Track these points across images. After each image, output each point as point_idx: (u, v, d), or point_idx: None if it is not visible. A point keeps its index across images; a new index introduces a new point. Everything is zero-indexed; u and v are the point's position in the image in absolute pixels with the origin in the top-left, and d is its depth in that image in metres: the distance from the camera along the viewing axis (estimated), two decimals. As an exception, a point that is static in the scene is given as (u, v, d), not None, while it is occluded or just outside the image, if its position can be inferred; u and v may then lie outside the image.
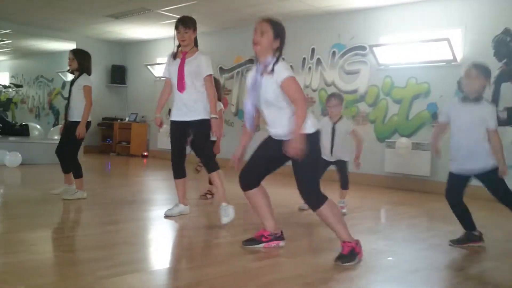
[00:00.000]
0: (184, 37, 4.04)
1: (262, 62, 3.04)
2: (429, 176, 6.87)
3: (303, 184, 3.00)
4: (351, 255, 2.98)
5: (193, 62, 4.05)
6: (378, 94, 7.52)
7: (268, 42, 3.00)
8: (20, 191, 5.67)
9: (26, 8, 8.88)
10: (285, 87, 2.94)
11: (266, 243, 3.28)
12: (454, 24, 6.70)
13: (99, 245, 3.20)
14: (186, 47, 4.10)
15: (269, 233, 3.30)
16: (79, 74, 4.85)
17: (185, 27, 4.04)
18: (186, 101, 4.07)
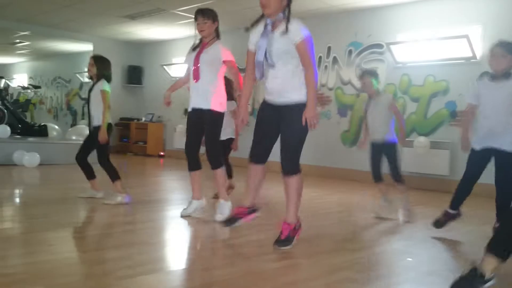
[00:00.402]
0: (202, 27, 4.02)
1: (271, 21, 3.09)
2: (448, 176, 6.78)
3: (290, 149, 3.13)
4: (288, 238, 3.15)
5: (209, 51, 4.04)
6: (396, 92, 7.44)
7: (276, 3, 3.04)
8: (39, 191, 5.74)
9: (45, 11, 9.00)
10: (301, 49, 3.00)
11: (244, 218, 3.36)
12: (473, 21, 6.59)
13: (117, 245, 3.22)
14: (206, 38, 4.09)
15: (246, 209, 3.37)
16: (97, 80, 4.86)
17: (203, 17, 4.02)
18: (201, 90, 4.05)
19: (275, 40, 3.06)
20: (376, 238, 3.77)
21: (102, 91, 4.76)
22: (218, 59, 4.02)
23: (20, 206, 4.76)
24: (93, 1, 8.21)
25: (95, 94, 4.79)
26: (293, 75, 3.09)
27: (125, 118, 12.00)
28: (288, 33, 3.00)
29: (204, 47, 4.08)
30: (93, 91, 4.83)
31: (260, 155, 3.29)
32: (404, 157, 7.20)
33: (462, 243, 3.67)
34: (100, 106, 4.75)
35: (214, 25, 4.09)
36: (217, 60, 4.03)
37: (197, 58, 4.04)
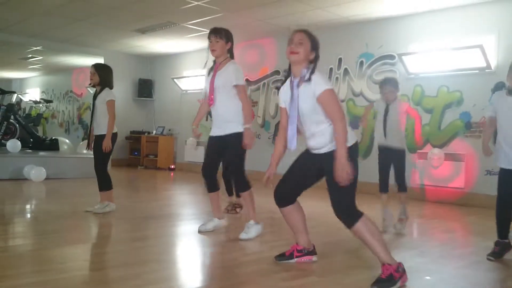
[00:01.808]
0: (214, 46, 3.97)
1: (297, 74, 3.00)
2: (463, 188, 6.64)
3: (339, 199, 2.90)
4: (389, 280, 2.78)
5: (222, 74, 3.98)
6: (408, 103, 7.34)
7: (305, 53, 2.97)
8: (49, 206, 5.70)
9: (56, 26, 9.07)
10: (323, 101, 2.87)
11: (299, 258, 3.25)
12: (487, 30, 6.50)
13: (127, 263, 3.15)
14: (218, 58, 4.03)
15: (301, 248, 3.27)
16: (101, 88, 4.86)
17: (215, 35, 3.97)
18: (219, 116, 4.01)
19: (300, 95, 2.96)
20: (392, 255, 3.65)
21: (109, 102, 4.76)
22: (230, 81, 3.97)
23: (31, 221, 4.72)
24: (104, 16, 8.25)
25: (100, 103, 4.80)
26: (325, 130, 2.93)
27: (135, 132, 12.01)
28: (311, 84, 2.90)
29: (217, 70, 4.02)
30: (97, 99, 4.83)
31: (284, 196, 3.19)
32: (419, 169, 7.09)
33: (483, 259, 3.54)
34: (105, 116, 4.76)
35: (227, 45, 4.02)
36: (229, 82, 3.97)
37: (212, 83, 4.00)
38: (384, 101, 4.62)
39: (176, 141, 11.61)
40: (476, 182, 6.53)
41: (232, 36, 4.08)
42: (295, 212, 3.22)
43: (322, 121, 2.92)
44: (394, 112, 4.54)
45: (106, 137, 4.73)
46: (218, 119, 4.03)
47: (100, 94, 4.84)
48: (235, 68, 3.99)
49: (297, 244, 3.28)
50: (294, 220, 3.24)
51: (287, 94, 3.06)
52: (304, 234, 3.27)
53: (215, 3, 7.17)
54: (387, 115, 4.55)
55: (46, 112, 14.79)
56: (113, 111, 4.78)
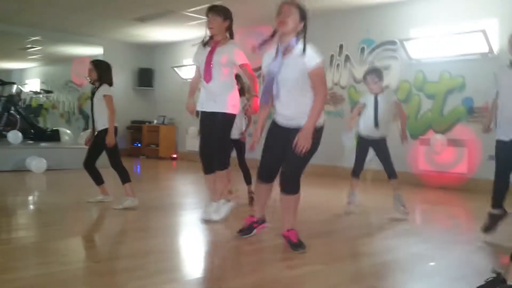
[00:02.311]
0: (212, 23, 3.90)
1: (285, 43, 3.07)
2: (466, 174, 6.62)
3: (291, 169, 3.13)
4: (300, 241, 3.17)
5: (222, 51, 3.92)
6: (410, 89, 7.30)
7: (294, 23, 3.04)
8: (49, 198, 5.70)
9: (55, 15, 9.00)
10: (314, 75, 3.00)
11: (257, 228, 3.52)
12: (490, 15, 6.42)
13: (130, 254, 3.15)
14: (217, 36, 3.96)
15: (257, 219, 3.53)
16: (99, 84, 4.82)
17: (213, 13, 3.91)
18: (214, 92, 3.96)
19: (286, 66, 3.05)
20: (394, 242, 3.65)
21: (106, 97, 4.72)
22: (232, 61, 3.92)
23: (33, 213, 4.72)
24: (104, 5, 8.18)
25: (98, 99, 4.76)
26: (304, 101, 3.07)
27: (136, 121, 11.98)
28: (301, 58, 2.99)
29: (216, 46, 3.95)
30: (95, 96, 4.79)
31: (268, 175, 3.34)
32: (421, 155, 7.07)
33: (488, 244, 3.53)
34: (103, 111, 4.72)
35: (225, 23, 3.96)
36: (231, 62, 3.93)
37: (210, 58, 3.92)
38: (371, 94, 4.58)
39: (178, 130, 11.58)
40: (479, 168, 6.51)
41: (231, 14, 4.01)
42: (269, 190, 3.41)
43: (306, 93, 3.06)
44: (384, 103, 4.53)
45: (108, 133, 4.65)
46: (212, 96, 3.97)
47: (98, 91, 4.80)
48: (238, 48, 3.96)
49: (253, 216, 3.53)
50: (264, 196, 3.44)
51: (270, 62, 3.15)
52: (263, 210, 3.53)
53: (214, -10, 7.08)
54: (377, 106, 4.52)
55: (46, 102, 14.76)
56: (112, 106, 4.72)
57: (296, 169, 3.14)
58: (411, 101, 7.26)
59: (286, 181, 3.15)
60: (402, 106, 4.80)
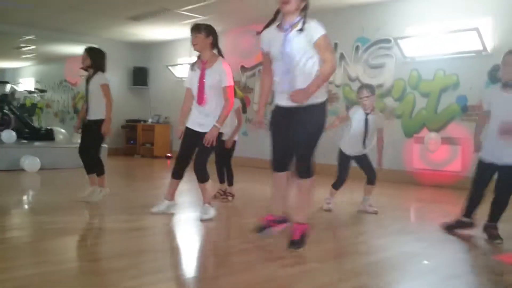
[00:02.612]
0: (194, 41, 3.97)
1: (288, 21, 3.06)
2: (460, 172, 6.65)
3: (301, 153, 3.10)
4: (302, 238, 3.11)
5: (213, 73, 3.97)
6: (405, 87, 7.31)
7: (296, 2, 3.04)
8: (42, 197, 5.67)
9: (49, 14, 8.96)
10: (321, 46, 2.99)
11: (275, 227, 3.35)
12: (483, 13, 6.45)
13: (123, 253, 3.13)
14: (203, 54, 4.02)
15: (277, 218, 3.35)
16: (94, 72, 4.80)
17: (195, 31, 3.98)
18: (205, 114, 4.02)
19: (291, 41, 3.02)
20: (389, 240, 3.66)
21: (104, 86, 4.70)
22: (220, 82, 3.96)
23: (27, 212, 4.70)
24: (97, 4, 8.15)
25: (94, 87, 4.74)
26: (310, 77, 3.01)
27: (131, 120, 11.95)
28: (305, 31, 2.99)
29: (205, 67, 3.99)
30: (91, 84, 4.77)
31: (281, 165, 3.25)
32: (415, 153, 7.08)
33: (480, 243, 3.54)
34: (100, 100, 4.71)
35: (208, 39, 3.99)
36: (219, 83, 3.97)
37: (202, 81, 3.97)
38: (361, 110, 4.57)
39: (173, 129, 11.56)
40: (473, 166, 6.51)
41: (213, 30, 4.04)
42: (285, 179, 3.30)
43: (314, 62, 3.03)
44: (373, 124, 4.53)
45: (106, 121, 4.69)
46: (202, 117, 4.02)
47: (93, 78, 4.77)
48: (226, 68, 3.98)
49: (271, 215, 3.36)
50: (280, 186, 3.30)
51: (273, 38, 3.11)
52: (281, 203, 3.35)
53: (208, -12, 7.08)
54: (367, 125, 4.52)
55: (40, 102, 14.68)
56: (109, 95, 4.72)
57: (306, 150, 3.09)
58: (406, 100, 7.28)
59: (298, 165, 3.11)
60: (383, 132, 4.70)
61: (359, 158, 4.69)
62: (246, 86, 9.63)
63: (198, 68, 4.04)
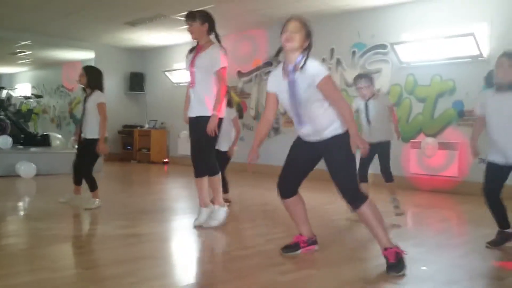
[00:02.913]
0: (190, 30, 3.98)
1: (291, 62, 3.00)
2: (457, 177, 6.65)
3: (343, 182, 2.99)
4: (399, 261, 2.86)
5: (204, 56, 3.95)
6: (401, 93, 7.33)
7: (300, 41, 2.98)
8: (38, 203, 5.64)
9: (45, 19, 8.94)
10: (323, 88, 2.91)
11: (304, 248, 3.27)
12: (479, 18, 6.47)
13: (121, 260, 3.11)
14: (200, 41, 4.01)
15: (306, 239, 3.29)
16: (91, 91, 4.84)
17: (190, 19, 3.97)
18: (198, 96, 3.97)
19: (295, 86, 2.96)
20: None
21: (100, 104, 4.76)
22: (212, 65, 3.92)
23: (22, 219, 4.67)
24: (94, 9, 8.14)
25: (91, 106, 4.77)
26: (323, 115, 2.98)
27: (128, 126, 11.93)
28: (307, 73, 2.91)
29: (199, 51, 3.99)
30: (88, 102, 4.80)
31: (288, 190, 3.23)
32: (412, 159, 7.09)
33: (479, 248, 3.54)
34: (95, 119, 4.76)
35: (204, 26, 3.98)
36: (214, 65, 3.92)
37: (192, 63, 3.98)
38: (360, 99, 4.58)
39: (169, 134, 11.54)
40: (469, 171, 6.54)
41: (209, 16, 4.02)
42: (298, 203, 3.26)
43: (321, 105, 2.97)
44: (375, 108, 4.52)
45: (100, 141, 4.73)
46: (197, 100, 3.98)
47: (90, 97, 4.81)
48: (218, 52, 3.93)
49: (301, 235, 3.29)
50: (296, 211, 3.27)
51: (279, 82, 3.07)
52: (306, 224, 3.31)
53: (205, -6, 7.09)
54: (367, 112, 4.53)
55: (36, 107, 14.65)
56: (104, 114, 4.78)
57: (345, 180, 3.00)
58: (402, 105, 7.29)
59: (348, 197, 2.99)
60: (394, 109, 4.81)
61: (379, 149, 4.57)
62: (243, 91, 9.63)
63: (193, 52, 4.04)
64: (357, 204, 2.95)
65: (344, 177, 2.99)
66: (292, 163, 3.20)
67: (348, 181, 2.99)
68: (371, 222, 2.94)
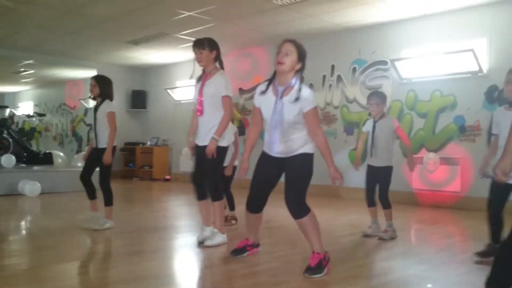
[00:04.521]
0: (200, 58, 4.01)
1: (283, 83, 3.14)
2: (459, 192, 6.65)
3: (292, 195, 3.20)
4: (319, 266, 3.12)
5: (211, 84, 3.98)
6: (402, 108, 7.36)
7: (292, 63, 3.12)
8: (42, 222, 5.65)
9: (48, 38, 9.04)
10: (309, 118, 3.14)
11: (250, 251, 3.66)
12: (478, 34, 6.54)
13: (125, 279, 3.11)
14: (207, 68, 4.05)
15: (252, 243, 3.68)
16: (101, 100, 4.82)
17: (199, 47, 4.01)
18: (206, 125, 4.00)
19: (283, 108, 3.14)
20: (390, 263, 3.64)
21: (110, 113, 4.71)
22: (219, 92, 3.96)
23: (26, 238, 4.67)
24: (97, 28, 8.23)
25: (101, 116, 4.74)
26: (300, 137, 3.22)
27: (130, 143, 11.96)
28: (299, 101, 3.10)
29: (206, 79, 4.02)
30: (98, 112, 4.77)
31: (256, 206, 3.46)
32: (414, 174, 7.09)
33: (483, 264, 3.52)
34: (106, 128, 4.71)
35: (212, 54, 4.02)
36: (218, 93, 3.96)
37: (200, 92, 4.00)
38: (372, 119, 4.54)
39: (171, 151, 11.57)
40: (472, 186, 6.54)
41: (216, 44, 4.08)
42: (259, 217, 3.56)
43: (302, 129, 3.20)
44: (382, 130, 4.43)
45: (107, 150, 4.66)
46: (204, 128, 4.01)
47: (100, 107, 4.78)
48: (224, 79, 3.99)
49: (247, 240, 3.67)
50: (256, 223, 3.60)
51: (268, 100, 3.23)
52: (257, 232, 3.69)
53: (207, 13, 7.18)
54: (374, 132, 4.46)
55: (39, 125, 14.73)
56: (114, 123, 4.72)
57: (297, 192, 3.20)
58: (403, 120, 7.32)
59: (291, 207, 3.20)
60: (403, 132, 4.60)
61: (379, 175, 4.51)
62: (244, 108, 9.68)
63: (201, 81, 4.08)
64: (301, 215, 3.17)
65: (296, 190, 3.20)
66: (260, 181, 3.38)
67: (298, 195, 3.20)
68: (309, 231, 3.20)
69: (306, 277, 3.08)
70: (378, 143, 4.45)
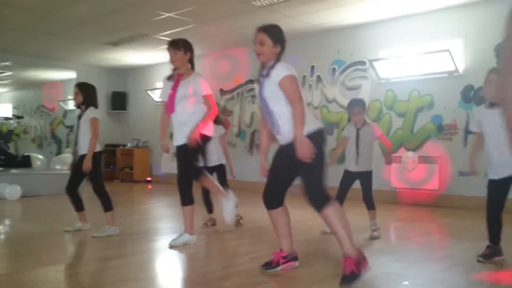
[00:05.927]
0: (174, 58, 4.01)
1: (266, 67, 3.13)
2: (437, 190, 6.76)
3: (309, 185, 3.01)
4: (353, 274, 2.90)
5: (188, 83, 3.99)
6: (381, 108, 7.45)
7: (269, 50, 3.11)
8: (22, 226, 5.57)
9: (25, 40, 8.92)
10: (283, 86, 3.01)
11: (284, 265, 3.27)
12: (454, 35, 6.65)
13: (104, 283, 3.10)
14: (180, 69, 4.06)
15: (286, 254, 3.29)
16: (86, 107, 4.75)
17: (174, 48, 4.01)
18: (180, 124, 4.01)
19: (263, 86, 3.10)
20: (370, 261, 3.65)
21: (93, 119, 4.64)
22: (197, 91, 3.98)
23: (4, 243, 4.60)
24: (75, 30, 8.15)
25: (84, 122, 4.67)
26: (285, 117, 3.05)
27: (110, 145, 11.86)
28: (271, 77, 3.05)
29: (180, 79, 4.03)
30: (82, 119, 4.70)
31: (271, 200, 3.25)
32: (393, 173, 7.18)
33: (460, 262, 3.60)
34: (88, 135, 4.64)
35: (186, 55, 4.05)
36: (196, 92, 3.98)
37: (174, 91, 4.00)
38: (353, 125, 4.57)
39: (152, 153, 11.51)
40: (449, 184, 6.66)
41: (190, 45, 4.10)
42: (281, 215, 3.27)
43: (282, 104, 3.03)
44: (365, 137, 4.49)
45: (86, 156, 4.55)
46: (180, 127, 4.01)
47: (84, 114, 4.71)
48: (202, 79, 4.03)
49: (281, 251, 3.30)
50: (280, 223, 3.27)
51: (256, 91, 3.23)
52: (288, 239, 3.30)
53: (186, 14, 7.17)
54: (358, 140, 4.49)
55: (17, 128, 14.49)
56: (95, 129, 4.61)
57: (314, 182, 3.01)
58: (382, 120, 7.41)
59: (311, 199, 3.01)
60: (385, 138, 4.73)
61: (362, 179, 4.58)
62: (225, 109, 9.68)
63: (173, 80, 4.08)
64: (320, 206, 2.96)
65: (312, 177, 3.00)
66: (275, 173, 3.23)
67: (315, 182, 2.99)
68: (336, 225, 2.96)
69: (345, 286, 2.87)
70: (361, 150, 4.50)
